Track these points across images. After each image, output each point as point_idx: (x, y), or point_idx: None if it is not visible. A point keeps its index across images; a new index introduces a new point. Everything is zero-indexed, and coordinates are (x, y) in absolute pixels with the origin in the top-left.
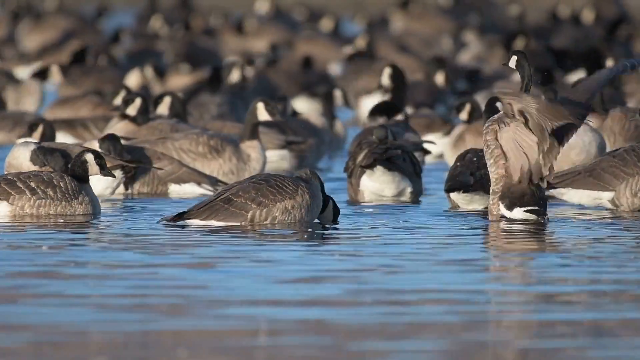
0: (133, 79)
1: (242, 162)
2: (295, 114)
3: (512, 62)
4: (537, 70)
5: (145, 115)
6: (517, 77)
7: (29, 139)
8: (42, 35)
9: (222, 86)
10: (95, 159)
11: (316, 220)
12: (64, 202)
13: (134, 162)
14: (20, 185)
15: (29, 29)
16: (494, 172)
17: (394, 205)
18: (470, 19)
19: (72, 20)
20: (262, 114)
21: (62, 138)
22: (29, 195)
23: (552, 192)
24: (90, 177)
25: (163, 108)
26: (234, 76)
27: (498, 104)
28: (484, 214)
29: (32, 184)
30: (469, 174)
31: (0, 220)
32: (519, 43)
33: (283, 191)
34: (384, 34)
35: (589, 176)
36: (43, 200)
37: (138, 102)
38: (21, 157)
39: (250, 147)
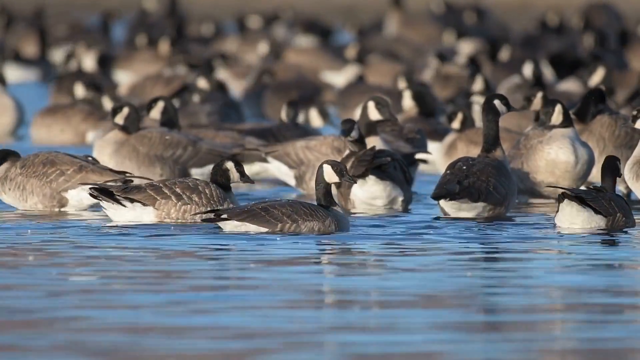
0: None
1: None
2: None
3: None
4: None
5: (135, 123)
6: (509, 83)
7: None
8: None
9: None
10: (235, 167)
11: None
12: (209, 209)
13: (127, 175)
14: (166, 191)
15: (24, 36)
16: None
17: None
18: (463, 26)
19: (70, 28)
20: (373, 113)
21: None
22: (175, 201)
23: None
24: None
25: (155, 113)
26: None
27: (495, 102)
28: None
29: (178, 190)
30: (456, 182)
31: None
32: (504, 53)
33: (315, 214)
34: (375, 41)
35: None
36: (188, 205)
37: (126, 110)
38: None
39: (370, 142)
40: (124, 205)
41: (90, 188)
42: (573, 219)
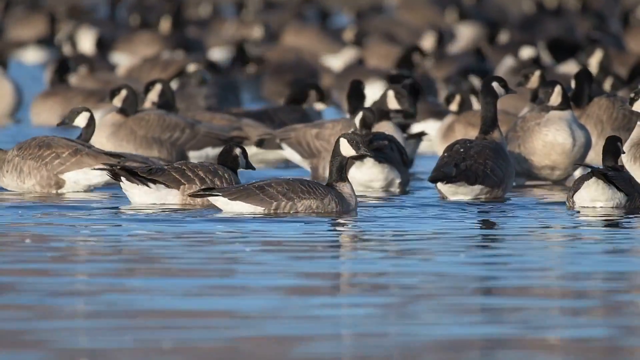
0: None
1: None
2: (290, 102)
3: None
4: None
5: (133, 105)
6: (504, 66)
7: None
8: (34, 25)
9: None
10: (242, 153)
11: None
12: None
13: (119, 157)
14: (190, 174)
15: (21, 18)
16: None
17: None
18: (462, 8)
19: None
20: (392, 102)
21: None
22: (199, 185)
23: None
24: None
25: (153, 95)
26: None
27: (494, 84)
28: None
29: (201, 174)
30: (453, 165)
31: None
32: (503, 36)
33: (312, 192)
34: (373, 23)
35: None
36: None
37: (124, 93)
38: None
39: (382, 127)
40: (148, 186)
41: (116, 168)
42: (598, 196)
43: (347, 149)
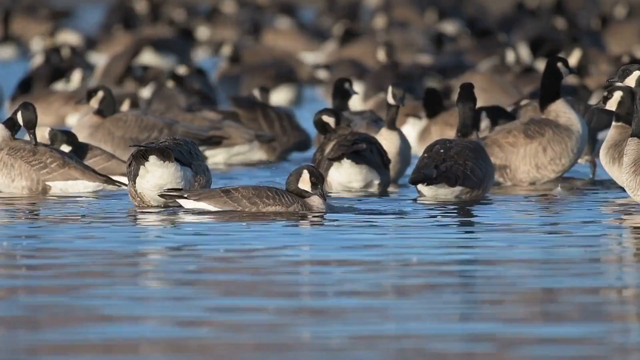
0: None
1: None
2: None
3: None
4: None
5: (110, 106)
6: (484, 66)
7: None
8: None
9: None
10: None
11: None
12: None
13: (104, 176)
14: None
15: None
16: None
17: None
18: (442, 7)
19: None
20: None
21: None
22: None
23: None
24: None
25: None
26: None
27: (473, 90)
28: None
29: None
30: (434, 166)
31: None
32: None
33: (279, 199)
34: (355, 25)
35: None
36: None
37: (100, 94)
38: None
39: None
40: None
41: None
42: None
43: (304, 183)
